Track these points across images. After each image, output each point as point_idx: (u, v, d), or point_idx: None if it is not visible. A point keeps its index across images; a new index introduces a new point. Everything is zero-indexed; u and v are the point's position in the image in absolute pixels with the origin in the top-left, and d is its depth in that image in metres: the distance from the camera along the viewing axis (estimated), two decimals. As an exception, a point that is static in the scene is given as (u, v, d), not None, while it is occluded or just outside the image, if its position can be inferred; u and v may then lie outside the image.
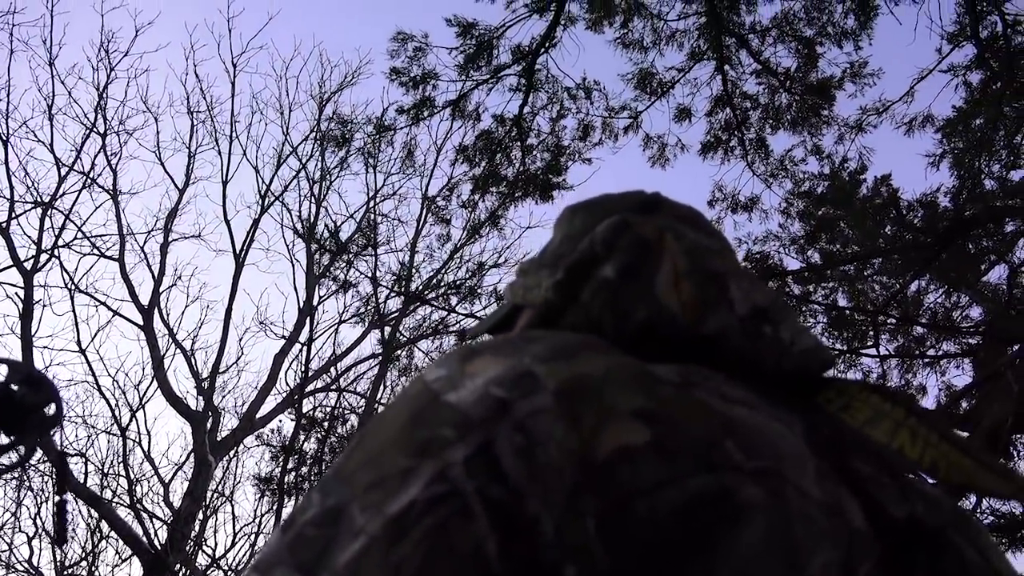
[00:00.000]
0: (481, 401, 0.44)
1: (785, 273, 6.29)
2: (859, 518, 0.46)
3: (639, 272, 0.60)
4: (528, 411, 0.44)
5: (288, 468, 8.07)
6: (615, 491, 0.41)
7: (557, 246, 0.72)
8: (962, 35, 5.63)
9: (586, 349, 0.49)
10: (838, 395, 0.58)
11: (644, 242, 0.61)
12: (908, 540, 0.48)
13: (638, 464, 0.42)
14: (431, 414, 0.45)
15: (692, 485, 0.41)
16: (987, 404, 4.68)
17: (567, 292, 0.62)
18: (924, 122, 6.39)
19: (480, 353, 0.49)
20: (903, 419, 0.55)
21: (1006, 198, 5.88)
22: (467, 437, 0.43)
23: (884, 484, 0.51)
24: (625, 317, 0.59)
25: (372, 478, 0.43)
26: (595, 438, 0.43)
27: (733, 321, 0.58)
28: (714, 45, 6.05)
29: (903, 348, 7.03)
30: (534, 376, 0.46)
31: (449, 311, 9.47)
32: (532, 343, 0.49)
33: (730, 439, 0.45)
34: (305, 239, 10.67)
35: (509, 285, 0.77)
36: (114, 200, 10.83)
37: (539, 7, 5.88)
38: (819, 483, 0.46)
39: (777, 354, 0.58)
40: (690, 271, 0.60)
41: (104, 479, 10.03)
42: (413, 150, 7.47)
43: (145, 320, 10.45)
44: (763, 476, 0.43)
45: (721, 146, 6.60)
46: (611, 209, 0.71)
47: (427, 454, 0.43)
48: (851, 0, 5.71)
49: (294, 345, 10.80)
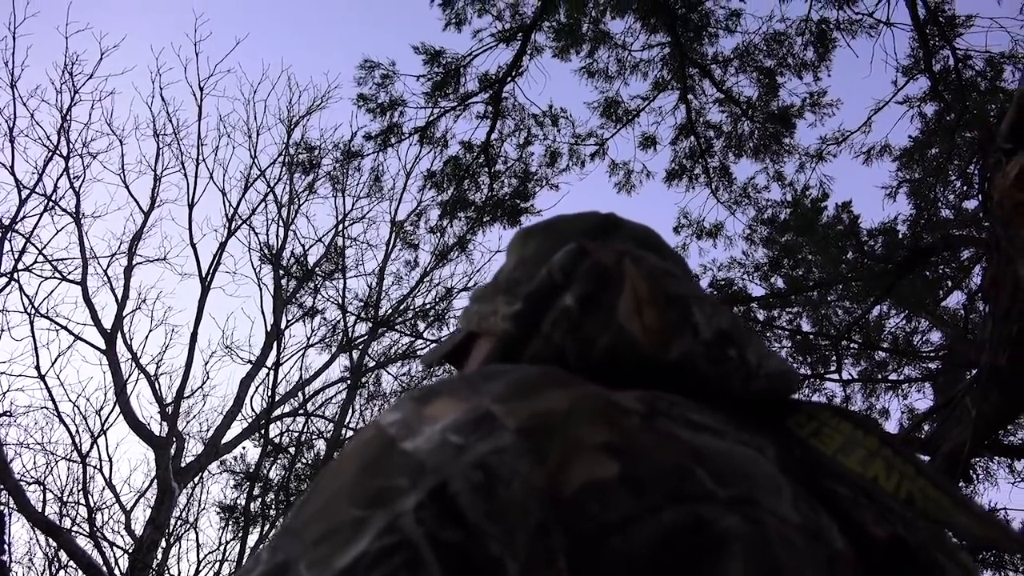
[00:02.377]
0: (439, 449, 0.43)
1: (750, 299, 6.37)
2: (840, 540, 0.45)
3: (600, 300, 0.58)
4: (488, 450, 0.42)
5: (253, 495, 7.96)
6: (586, 527, 0.39)
7: (511, 271, 0.70)
8: (916, 68, 5.78)
9: (547, 384, 0.47)
10: (808, 420, 0.57)
11: (603, 269, 0.60)
12: (891, 559, 0.47)
13: (609, 498, 0.40)
14: (385, 462, 0.43)
15: (666, 518, 0.40)
16: (946, 428, 4.75)
17: (527, 323, 0.60)
18: (882, 151, 6.55)
19: (437, 395, 0.48)
20: (877, 449, 0.54)
21: (961, 227, 6.02)
22: (419, 483, 0.41)
23: (862, 505, 0.49)
24: (588, 346, 0.57)
25: (322, 531, 0.41)
26: (562, 473, 0.41)
27: (698, 346, 0.57)
28: (678, 75, 6.14)
29: (866, 372, 7.14)
30: (493, 417, 0.44)
31: (416, 337, 9.43)
32: (490, 381, 0.48)
33: (701, 468, 0.43)
34: (272, 263, 10.59)
35: (464, 311, 0.74)
36: (77, 223, 10.66)
37: (506, 36, 5.93)
38: (795, 507, 0.45)
39: (744, 377, 0.57)
40: (652, 297, 0.59)
41: (63, 507, 9.79)
42: (381, 175, 7.50)
43: (108, 344, 10.26)
44: (738, 504, 0.42)
45: (686, 173, 6.69)
46: (565, 232, 0.69)
47: (379, 504, 0.41)
48: (810, 32, 5.85)
49: (261, 369, 10.67)
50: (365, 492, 0.42)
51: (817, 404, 0.59)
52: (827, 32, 5.85)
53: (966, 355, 5.58)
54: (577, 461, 0.42)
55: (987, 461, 5.35)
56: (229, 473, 8.81)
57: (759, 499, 0.43)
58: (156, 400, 10.45)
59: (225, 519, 8.05)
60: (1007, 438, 5.14)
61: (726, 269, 7.16)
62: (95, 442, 10.01)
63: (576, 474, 0.41)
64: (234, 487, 8.18)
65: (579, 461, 0.42)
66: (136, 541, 9.27)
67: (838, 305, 7.32)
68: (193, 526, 10.33)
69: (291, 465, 8.09)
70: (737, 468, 0.45)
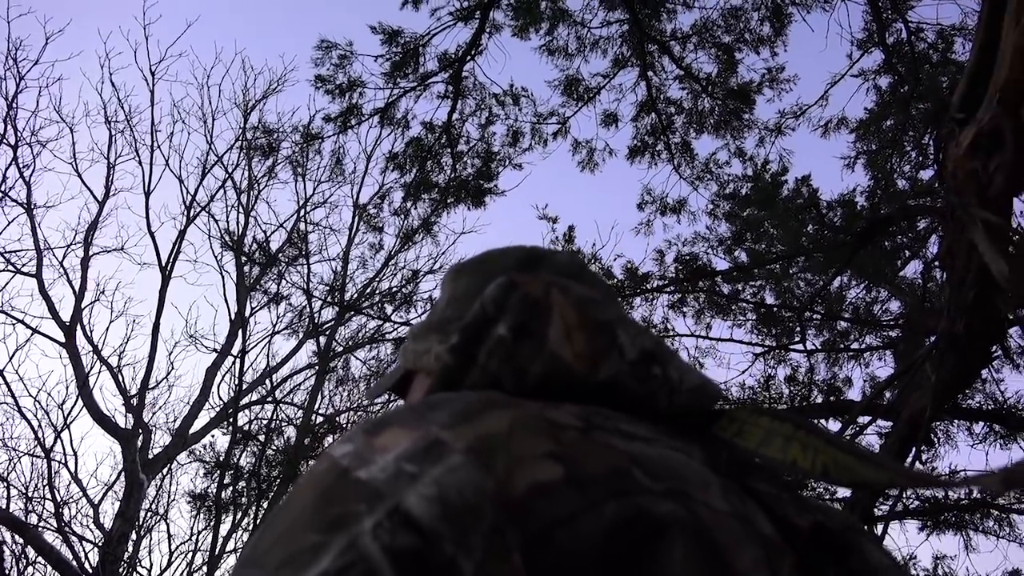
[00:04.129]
0: (394, 478, 0.44)
1: (714, 273, 6.43)
2: (768, 527, 0.49)
3: (531, 329, 0.62)
4: (441, 472, 0.44)
5: (224, 484, 7.89)
6: (537, 524, 0.42)
7: (443, 309, 0.75)
8: (870, 41, 5.85)
9: (488, 407, 0.50)
10: (730, 422, 0.62)
11: (533, 299, 0.64)
12: (816, 545, 0.51)
13: (554, 497, 0.43)
14: (341, 491, 0.45)
15: (608, 511, 0.43)
16: (907, 394, 4.85)
17: (464, 354, 0.63)
18: (839, 124, 6.63)
19: (387, 425, 0.50)
20: (792, 433, 0.59)
21: (917, 197, 6.13)
22: (376, 507, 0.43)
23: (784, 499, 0.54)
24: (522, 372, 0.61)
25: (282, 557, 0.42)
26: (510, 478, 0.44)
27: (624, 366, 0.61)
28: (637, 52, 6.15)
29: (828, 342, 7.26)
30: (442, 443, 0.46)
31: (384, 320, 9.39)
32: (435, 410, 0.50)
33: (637, 468, 0.47)
34: (234, 250, 10.44)
35: (402, 348, 0.79)
36: (29, 214, 10.42)
37: (464, 15, 5.88)
38: (725, 498, 0.48)
39: (668, 392, 0.62)
40: (580, 323, 0.62)
41: (29, 503, 9.60)
42: (342, 158, 7.41)
43: (67, 337, 10.07)
44: (673, 495, 0.46)
45: (648, 150, 6.72)
46: (494, 268, 0.74)
47: (337, 529, 0.42)
48: (766, 7, 5.88)
49: (226, 358, 10.56)
50: (323, 518, 0.43)
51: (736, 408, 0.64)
52: (783, 7, 5.89)
53: (925, 323, 5.70)
54: (523, 468, 0.45)
55: (947, 425, 5.49)
56: (199, 462, 8.72)
57: (690, 492, 0.47)
58: (120, 392, 10.31)
59: (196, 508, 7.98)
60: (965, 402, 5.28)
61: (690, 244, 7.22)
62: (59, 436, 9.84)
63: (523, 478, 0.44)
64: (204, 475, 8.11)
65: (525, 467, 0.45)
66: (105, 535, 9.17)
67: (800, 277, 7.43)
68: (164, 517, 10.23)
69: (261, 453, 8.03)
70: (669, 468, 0.49)
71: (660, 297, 6.25)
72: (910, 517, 5.44)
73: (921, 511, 5.49)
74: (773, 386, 6.39)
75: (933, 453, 5.65)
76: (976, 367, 3.40)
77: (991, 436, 5.41)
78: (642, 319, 6.32)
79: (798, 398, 6.37)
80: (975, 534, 5.61)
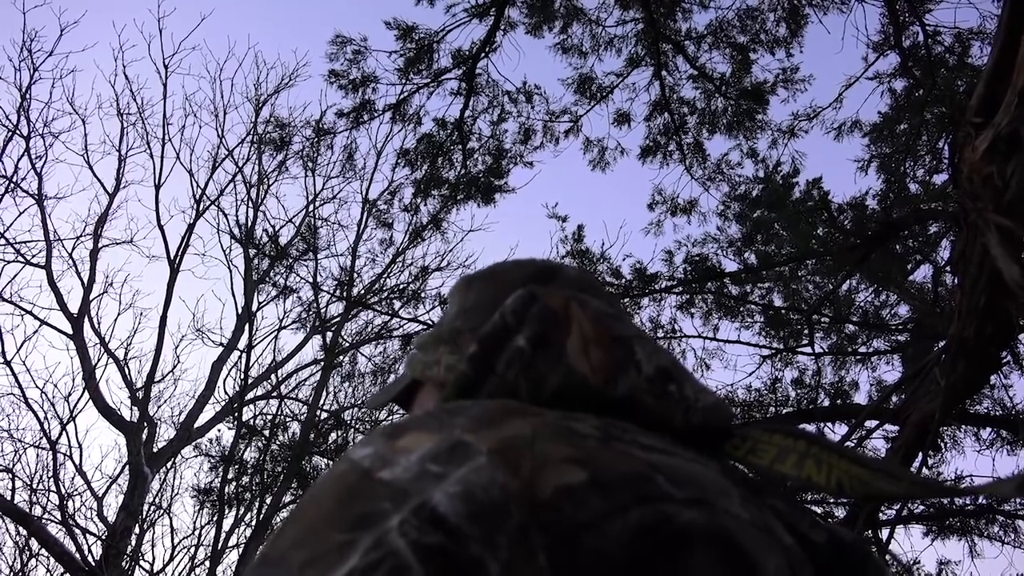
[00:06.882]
0: (419, 477, 0.44)
1: (723, 274, 6.42)
2: (788, 538, 0.49)
3: (550, 340, 0.63)
4: (467, 471, 0.44)
5: (228, 478, 7.91)
6: (562, 525, 0.41)
7: (452, 320, 0.75)
8: (886, 44, 5.83)
9: (508, 414, 0.50)
10: (743, 441, 0.63)
11: (552, 312, 0.64)
12: (834, 558, 0.52)
13: (580, 500, 0.43)
14: (364, 491, 0.44)
15: (634, 516, 0.43)
16: (915, 399, 4.84)
17: (483, 363, 0.64)
18: (852, 127, 6.62)
19: (407, 430, 0.50)
20: (806, 450, 0.59)
21: (930, 201, 6.10)
22: (402, 505, 0.42)
23: (798, 516, 0.54)
24: (540, 383, 0.61)
25: (307, 556, 0.42)
26: (535, 481, 0.43)
27: (641, 382, 0.61)
28: (651, 51, 6.14)
29: (836, 346, 7.25)
30: (466, 445, 0.46)
31: (392, 315, 9.40)
32: (456, 416, 0.50)
33: (659, 475, 0.47)
34: (243, 243, 10.46)
35: (409, 358, 0.79)
36: (39, 205, 10.45)
37: (479, 12, 5.88)
38: (745, 507, 0.48)
39: (684, 410, 0.62)
40: (597, 337, 0.63)
41: (33, 495, 9.65)
42: (353, 153, 7.43)
43: (75, 329, 10.11)
44: (696, 503, 0.45)
45: (660, 150, 6.70)
46: (506, 280, 0.75)
47: (363, 527, 0.42)
48: (782, 9, 5.86)
49: (233, 352, 10.58)
50: (348, 517, 0.43)
51: (748, 427, 0.65)
52: (799, 8, 5.87)
53: (934, 327, 5.69)
54: (547, 470, 0.44)
55: (954, 430, 5.47)
56: (204, 456, 8.74)
57: (712, 500, 0.47)
58: (126, 385, 10.33)
59: (200, 502, 8.00)
60: (973, 407, 5.25)
61: (700, 245, 7.21)
62: (64, 429, 9.88)
63: (548, 480, 0.44)
64: (209, 470, 8.13)
65: (550, 470, 0.44)
66: (109, 528, 9.19)
67: (809, 280, 7.41)
68: (167, 511, 10.26)
69: (266, 447, 8.04)
70: (690, 477, 0.48)
71: (668, 297, 6.25)
72: (915, 522, 5.43)
73: (926, 516, 5.47)
74: (780, 388, 6.38)
75: (939, 458, 5.63)
76: (986, 372, 3.38)
77: (998, 442, 5.39)
78: (650, 319, 6.32)
79: (804, 401, 6.36)
80: (980, 539, 5.59)
